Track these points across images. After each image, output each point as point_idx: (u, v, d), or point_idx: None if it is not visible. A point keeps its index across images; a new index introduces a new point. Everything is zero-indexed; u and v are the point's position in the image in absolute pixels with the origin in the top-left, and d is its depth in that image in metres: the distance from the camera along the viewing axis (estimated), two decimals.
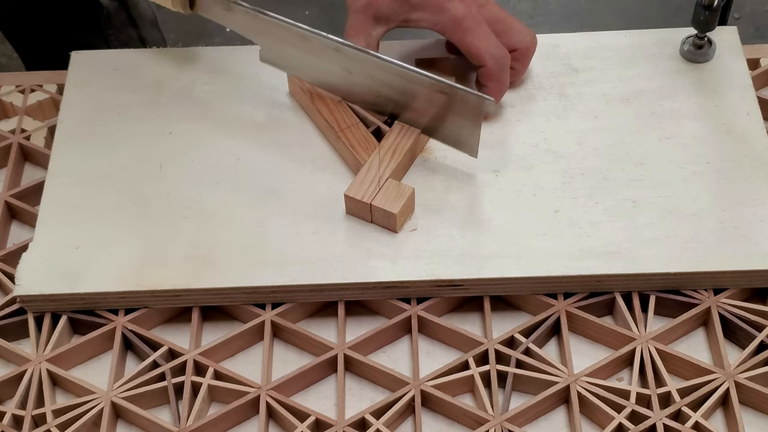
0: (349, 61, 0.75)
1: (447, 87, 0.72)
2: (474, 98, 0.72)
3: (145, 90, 0.82)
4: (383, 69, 0.74)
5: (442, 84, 0.72)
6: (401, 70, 0.74)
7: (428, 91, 0.73)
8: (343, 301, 0.71)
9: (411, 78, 0.73)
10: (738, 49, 0.82)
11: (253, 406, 0.68)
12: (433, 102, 0.74)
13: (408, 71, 0.73)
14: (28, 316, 0.72)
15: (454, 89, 0.72)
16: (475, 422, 0.67)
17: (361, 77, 0.76)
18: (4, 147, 0.81)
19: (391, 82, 0.75)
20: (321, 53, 0.76)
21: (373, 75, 0.75)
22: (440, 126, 0.75)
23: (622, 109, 0.79)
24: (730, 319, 0.69)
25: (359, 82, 0.76)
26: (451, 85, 0.72)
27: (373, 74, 0.75)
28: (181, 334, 0.72)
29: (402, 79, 0.74)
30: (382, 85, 0.75)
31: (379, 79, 0.75)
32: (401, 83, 0.74)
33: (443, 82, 0.72)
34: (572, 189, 0.74)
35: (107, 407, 0.68)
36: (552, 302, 0.71)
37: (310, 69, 0.78)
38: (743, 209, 0.72)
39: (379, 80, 0.75)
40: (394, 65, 0.74)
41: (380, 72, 0.75)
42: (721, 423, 0.67)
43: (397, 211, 0.71)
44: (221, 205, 0.74)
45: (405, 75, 0.74)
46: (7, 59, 1.78)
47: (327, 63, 0.76)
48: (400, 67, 0.74)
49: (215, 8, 0.78)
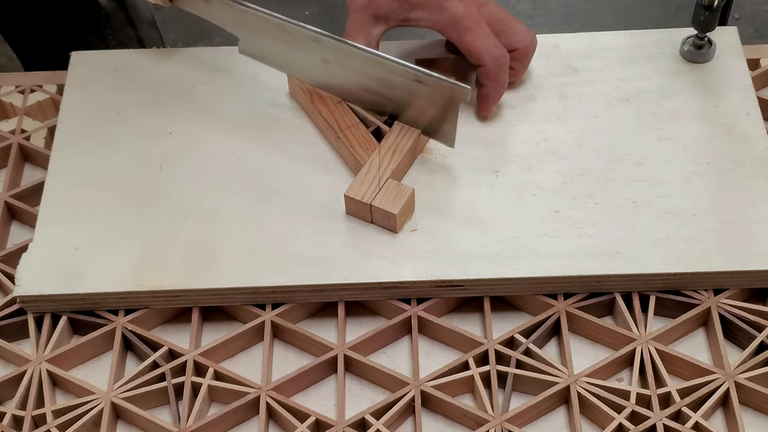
0: (327, 51, 0.75)
1: (422, 75, 0.72)
2: (448, 86, 0.72)
3: (145, 90, 0.82)
4: (359, 58, 0.74)
5: (418, 72, 0.72)
6: (376, 59, 0.74)
7: (404, 80, 0.73)
8: (343, 301, 0.71)
9: (386, 66, 0.74)
10: (738, 50, 0.82)
11: (253, 407, 0.68)
12: (410, 91, 0.74)
13: (383, 59, 0.73)
14: (28, 316, 0.72)
15: (429, 77, 0.72)
16: (475, 423, 0.67)
17: (338, 68, 0.76)
18: (4, 147, 0.81)
19: (368, 71, 0.75)
20: (299, 44, 0.76)
21: (351, 65, 0.75)
22: (419, 116, 0.75)
23: (622, 109, 0.79)
24: (730, 319, 0.69)
25: (337, 73, 0.76)
26: (426, 73, 0.72)
27: (351, 64, 0.75)
28: (181, 334, 0.72)
29: (378, 68, 0.74)
30: (360, 74, 0.75)
31: (356, 69, 0.75)
32: (378, 72, 0.74)
33: (419, 71, 0.72)
34: (572, 189, 0.74)
35: (107, 408, 0.68)
36: (552, 302, 0.71)
37: (289, 60, 0.78)
38: (743, 209, 0.72)
39: (356, 70, 0.75)
40: (369, 53, 0.74)
41: (357, 62, 0.75)
42: (721, 423, 0.67)
43: (397, 211, 0.71)
44: (221, 205, 0.74)
45: (380, 64, 0.74)
46: (7, 59, 1.78)
47: (305, 54, 0.76)
48: (375, 56, 0.74)
49: (194, 1, 0.78)
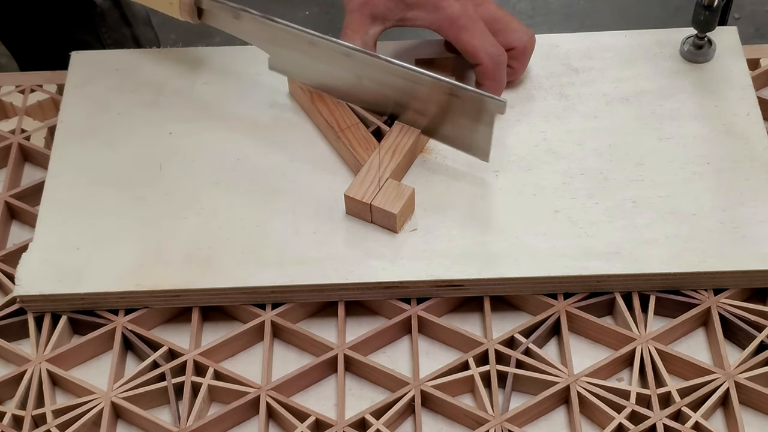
0: (359, 66, 0.75)
1: (458, 89, 0.72)
2: (485, 100, 0.71)
3: (145, 90, 0.82)
4: (392, 73, 0.74)
5: (454, 86, 0.72)
6: (412, 73, 0.73)
7: (439, 94, 0.73)
8: (343, 301, 0.71)
9: (420, 80, 0.73)
10: (738, 49, 0.82)
11: (253, 407, 0.68)
12: (443, 105, 0.73)
13: (417, 74, 0.73)
14: (28, 316, 0.72)
15: (464, 91, 0.72)
16: (475, 422, 0.67)
17: (370, 82, 0.75)
18: (4, 147, 0.81)
19: (401, 85, 0.74)
20: (330, 59, 0.75)
21: (382, 79, 0.75)
22: (451, 130, 0.75)
23: (622, 109, 0.79)
24: (730, 319, 0.69)
25: (369, 87, 0.76)
26: (462, 87, 0.72)
27: (383, 78, 0.75)
28: (181, 334, 0.72)
29: (411, 82, 0.73)
30: (392, 89, 0.75)
31: (388, 83, 0.75)
32: (411, 87, 0.74)
33: (455, 85, 0.72)
34: (572, 189, 0.74)
35: (107, 407, 0.68)
36: (552, 302, 0.71)
37: (320, 75, 0.77)
38: (743, 209, 0.72)
39: (388, 84, 0.75)
40: (404, 68, 0.73)
41: (389, 76, 0.74)
42: (721, 423, 0.67)
43: (397, 211, 0.71)
44: (221, 205, 0.74)
45: (414, 78, 0.73)
46: (7, 59, 1.77)
47: (336, 68, 0.76)
48: (410, 71, 0.73)
49: (223, 17, 0.77)
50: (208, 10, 0.78)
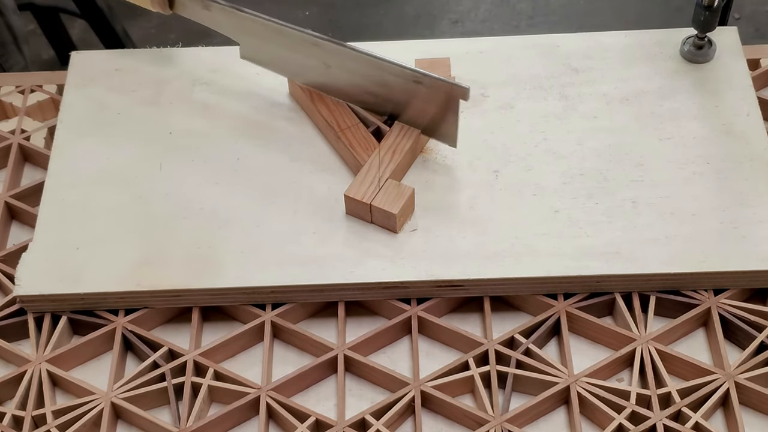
0: (327, 55, 0.76)
1: (421, 76, 0.73)
2: (447, 85, 0.72)
3: (145, 90, 0.82)
4: (359, 61, 0.75)
5: (417, 73, 0.73)
6: (375, 61, 0.74)
7: (404, 81, 0.73)
8: (343, 301, 0.71)
9: (385, 68, 0.74)
10: (738, 50, 0.82)
11: (253, 407, 0.68)
12: (409, 92, 0.74)
13: (381, 62, 0.74)
14: (28, 316, 0.72)
15: (427, 78, 0.72)
16: (475, 423, 0.67)
17: (339, 70, 0.76)
18: (4, 147, 0.81)
19: (368, 73, 0.75)
20: (298, 47, 0.76)
21: (351, 68, 0.75)
22: (420, 116, 0.75)
23: (622, 109, 0.79)
24: (730, 319, 0.69)
25: (338, 76, 0.77)
26: (424, 74, 0.72)
27: (351, 67, 0.75)
28: (181, 334, 0.72)
29: (378, 70, 0.74)
30: (360, 77, 0.76)
31: (356, 72, 0.75)
32: (378, 74, 0.74)
33: (417, 72, 0.73)
34: (572, 189, 0.74)
35: (107, 408, 0.68)
36: (552, 303, 0.71)
37: (289, 64, 0.78)
38: (743, 209, 0.72)
39: (356, 72, 0.75)
40: (368, 56, 0.74)
41: (356, 64, 0.75)
42: (721, 423, 0.67)
43: (397, 211, 0.71)
44: (221, 205, 0.74)
45: (380, 66, 0.74)
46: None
47: (305, 58, 0.76)
48: (374, 58, 0.74)
49: (193, 7, 0.78)
50: (179, 1, 0.79)
